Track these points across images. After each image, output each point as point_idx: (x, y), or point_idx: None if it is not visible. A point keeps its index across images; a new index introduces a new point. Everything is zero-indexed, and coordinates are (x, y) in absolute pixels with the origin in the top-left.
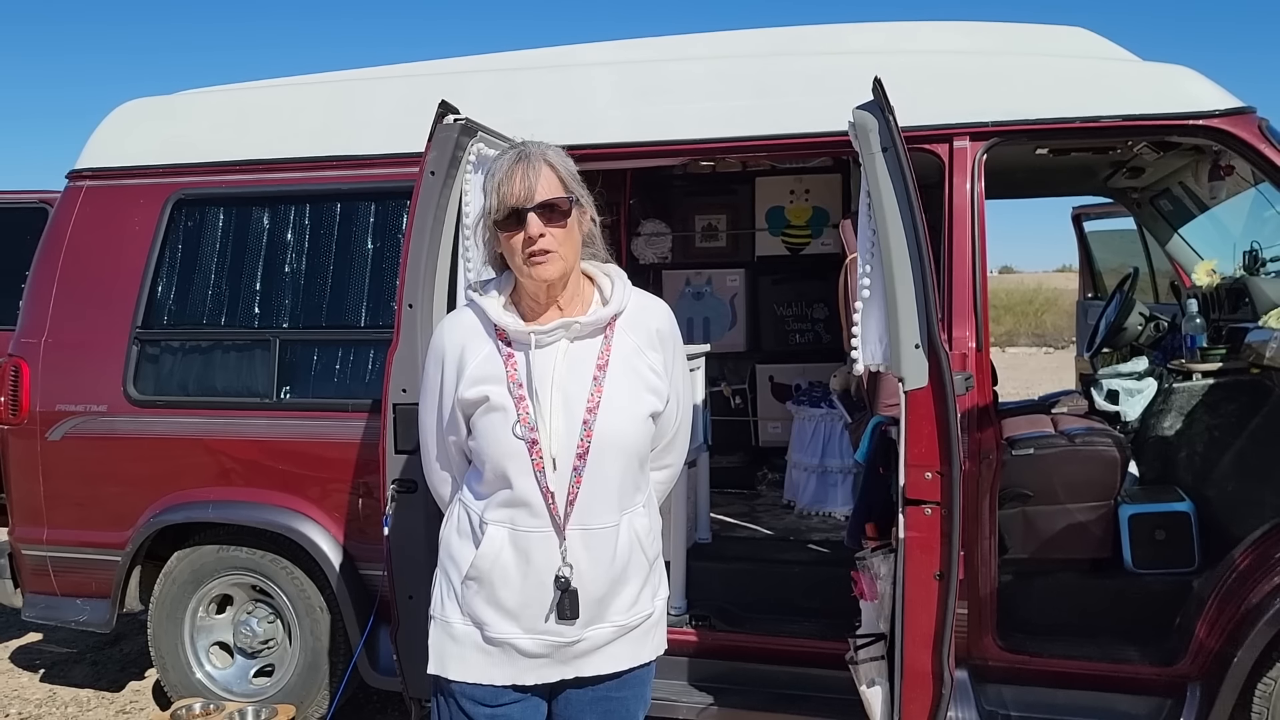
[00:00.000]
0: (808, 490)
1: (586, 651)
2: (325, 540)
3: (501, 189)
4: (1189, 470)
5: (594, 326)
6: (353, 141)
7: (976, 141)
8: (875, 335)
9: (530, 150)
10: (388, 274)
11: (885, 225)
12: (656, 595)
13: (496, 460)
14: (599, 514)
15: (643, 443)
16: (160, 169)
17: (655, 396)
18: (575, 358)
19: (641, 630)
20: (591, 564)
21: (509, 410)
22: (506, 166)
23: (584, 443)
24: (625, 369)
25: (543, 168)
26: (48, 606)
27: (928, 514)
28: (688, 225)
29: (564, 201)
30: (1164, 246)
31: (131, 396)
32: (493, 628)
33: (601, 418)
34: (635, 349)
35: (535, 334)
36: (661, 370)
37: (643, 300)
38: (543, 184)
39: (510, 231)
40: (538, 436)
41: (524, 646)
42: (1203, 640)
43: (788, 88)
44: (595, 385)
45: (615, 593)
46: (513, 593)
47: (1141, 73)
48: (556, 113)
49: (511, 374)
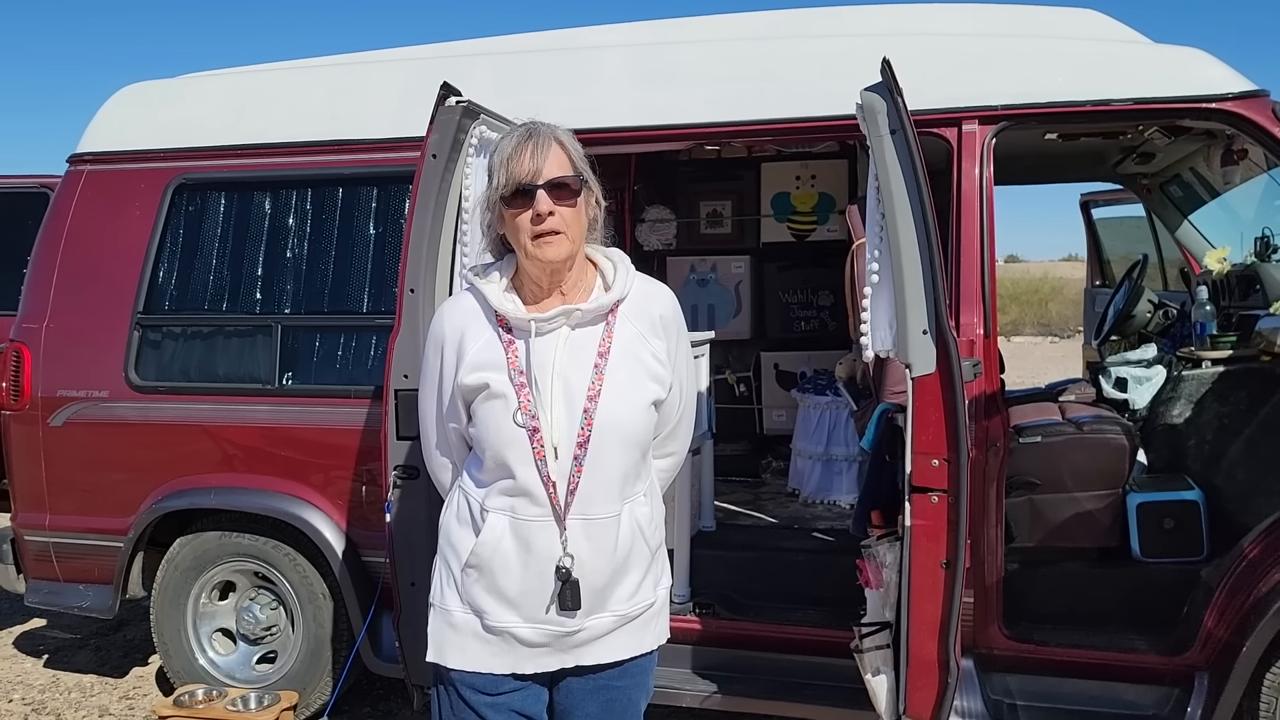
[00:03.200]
0: (812, 478)
1: (587, 641)
2: (328, 526)
3: (510, 165)
4: (1198, 458)
5: (596, 313)
6: (355, 125)
7: (985, 125)
8: (884, 321)
9: (540, 128)
10: (390, 259)
11: (893, 210)
12: (659, 584)
13: (497, 448)
14: (600, 503)
15: (644, 432)
16: (162, 153)
17: (658, 384)
18: (576, 345)
19: (643, 620)
20: (593, 554)
21: (510, 398)
22: (516, 143)
23: (585, 431)
24: (627, 357)
25: (553, 145)
26: (50, 592)
27: (934, 501)
28: (692, 211)
29: (574, 180)
30: (1174, 233)
31: (133, 382)
32: (492, 616)
33: (602, 407)
34: (638, 336)
35: (536, 321)
36: (664, 358)
37: (646, 286)
38: (552, 161)
39: (517, 209)
40: (539, 425)
41: (523, 635)
42: (1211, 630)
43: (795, 71)
44: (596, 373)
45: (616, 582)
46: (513, 581)
47: (1153, 55)
48: (561, 96)
49: (513, 360)
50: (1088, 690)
